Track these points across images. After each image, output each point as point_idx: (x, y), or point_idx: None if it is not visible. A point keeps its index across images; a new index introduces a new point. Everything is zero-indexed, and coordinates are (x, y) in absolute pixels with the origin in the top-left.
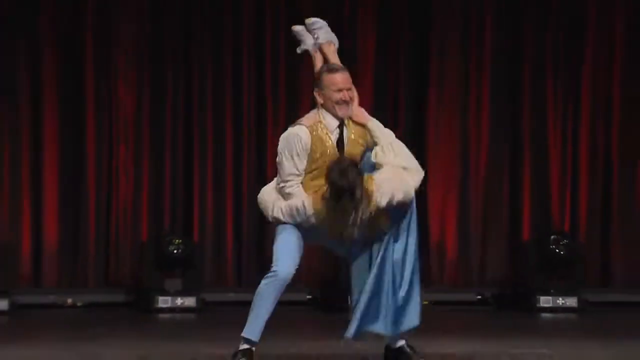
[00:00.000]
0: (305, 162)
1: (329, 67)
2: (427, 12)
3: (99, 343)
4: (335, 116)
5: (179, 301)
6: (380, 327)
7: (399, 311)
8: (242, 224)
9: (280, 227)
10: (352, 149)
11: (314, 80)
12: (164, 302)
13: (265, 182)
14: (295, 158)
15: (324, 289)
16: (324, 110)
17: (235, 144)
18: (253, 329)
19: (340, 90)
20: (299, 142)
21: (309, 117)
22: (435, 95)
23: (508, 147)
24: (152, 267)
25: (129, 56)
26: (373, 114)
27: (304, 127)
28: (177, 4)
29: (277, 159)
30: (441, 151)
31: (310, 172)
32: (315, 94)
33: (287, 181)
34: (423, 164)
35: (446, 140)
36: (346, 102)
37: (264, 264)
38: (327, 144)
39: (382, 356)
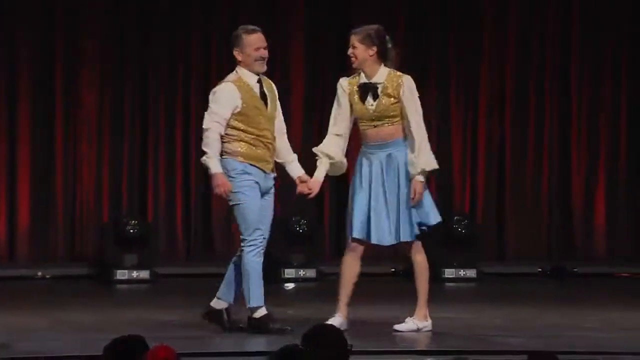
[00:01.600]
0: (229, 112)
1: (247, 29)
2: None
3: (65, 310)
4: (254, 72)
5: (135, 274)
6: None
7: None
8: (190, 207)
9: None
10: (273, 100)
11: (233, 41)
12: (122, 274)
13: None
14: (226, 107)
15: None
16: (242, 69)
17: (184, 138)
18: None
19: (258, 48)
20: (229, 94)
21: (230, 77)
22: None
23: None
24: (112, 244)
25: (92, 67)
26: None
27: (230, 83)
28: (134, 21)
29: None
30: None
31: (238, 121)
32: (235, 53)
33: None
34: None
35: None
36: (263, 59)
37: (210, 241)
38: (253, 96)
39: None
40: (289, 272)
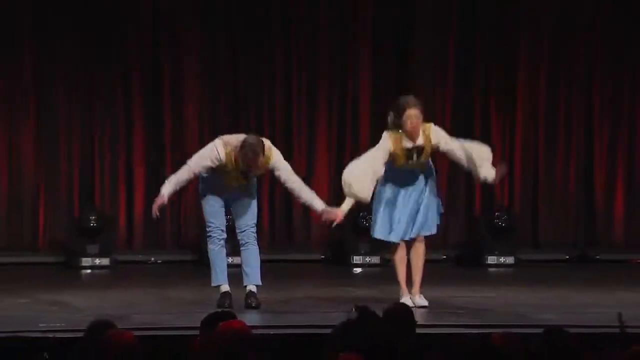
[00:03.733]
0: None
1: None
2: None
3: (172, 289)
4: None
5: (229, 260)
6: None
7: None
8: (275, 198)
9: None
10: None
11: None
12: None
13: None
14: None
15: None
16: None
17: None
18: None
19: (249, 166)
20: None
21: (233, 145)
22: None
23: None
24: None
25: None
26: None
27: (223, 152)
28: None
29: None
30: None
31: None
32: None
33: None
34: None
35: None
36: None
37: (291, 231)
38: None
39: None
40: (357, 259)
